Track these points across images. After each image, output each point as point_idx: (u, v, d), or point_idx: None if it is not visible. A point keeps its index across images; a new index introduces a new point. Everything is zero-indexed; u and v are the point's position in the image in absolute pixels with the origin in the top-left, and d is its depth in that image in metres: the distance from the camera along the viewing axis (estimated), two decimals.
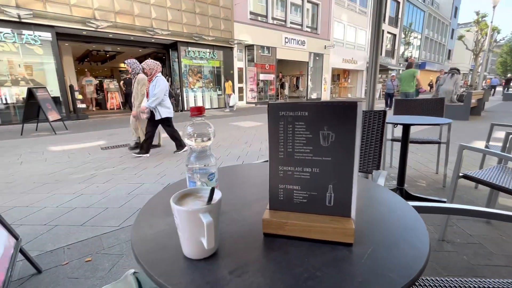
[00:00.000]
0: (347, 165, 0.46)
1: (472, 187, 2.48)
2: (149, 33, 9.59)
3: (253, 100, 13.97)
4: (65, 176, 3.03)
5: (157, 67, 3.73)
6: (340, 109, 0.44)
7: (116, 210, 2.15)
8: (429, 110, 2.89)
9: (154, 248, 0.47)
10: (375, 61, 1.82)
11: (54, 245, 1.66)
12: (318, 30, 16.62)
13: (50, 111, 6.01)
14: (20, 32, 7.40)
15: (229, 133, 5.82)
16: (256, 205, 0.63)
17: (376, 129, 1.35)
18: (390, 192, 0.69)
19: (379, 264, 0.41)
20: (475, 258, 1.48)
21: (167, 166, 3.35)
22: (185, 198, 0.46)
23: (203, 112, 0.57)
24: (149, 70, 3.68)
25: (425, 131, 5.31)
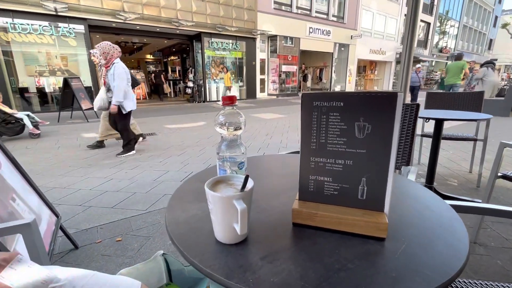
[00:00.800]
0: (383, 159, 0.45)
1: (510, 188, 2.30)
2: (174, 25, 9.76)
3: (274, 92, 13.83)
4: (96, 161, 3.23)
5: (113, 50, 3.13)
6: (379, 100, 0.43)
7: (143, 195, 2.26)
8: (465, 104, 2.69)
9: (187, 231, 0.49)
10: (409, 52, 1.72)
11: (89, 224, 1.80)
12: (345, 19, 15.92)
13: (83, 100, 6.38)
14: (56, 25, 7.85)
15: (250, 125, 5.83)
16: (284, 195, 0.63)
17: (408, 123, 1.28)
18: (423, 189, 0.66)
19: (414, 260, 0.40)
20: (511, 264, 1.39)
21: (190, 155, 3.45)
22: (218, 185, 0.47)
23: (235, 102, 0.57)
24: (104, 54, 3.08)
25: (459, 127, 4.97)
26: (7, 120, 4.30)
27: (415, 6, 1.63)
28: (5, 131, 4.33)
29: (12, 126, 4.37)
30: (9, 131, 4.36)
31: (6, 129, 4.34)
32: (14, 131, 4.41)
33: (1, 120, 4.24)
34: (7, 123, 4.31)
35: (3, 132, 4.32)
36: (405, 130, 1.28)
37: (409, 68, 1.76)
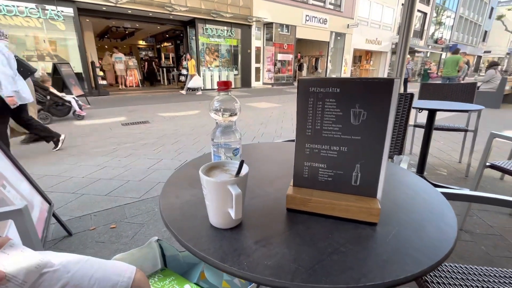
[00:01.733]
0: (377, 145, 0.45)
1: (497, 178, 2.37)
2: (167, 9, 9.45)
3: (269, 81, 13.70)
4: (89, 150, 3.18)
5: None
6: (375, 86, 0.43)
7: (136, 183, 2.25)
8: (458, 95, 2.72)
9: (181, 217, 0.49)
10: (405, 43, 1.71)
11: (82, 212, 1.79)
12: (342, 8, 15.68)
13: (73, 86, 6.20)
14: (44, 7, 7.51)
15: (245, 114, 5.80)
16: (278, 182, 0.63)
17: (401, 113, 1.29)
18: (416, 176, 0.67)
19: (405, 244, 0.41)
20: (494, 250, 1.45)
21: (184, 144, 3.43)
22: (213, 170, 0.47)
23: (230, 87, 0.56)
24: None
25: (450, 118, 5.04)
26: (57, 102, 4.76)
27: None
28: (56, 112, 4.80)
29: (62, 108, 4.85)
30: (59, 113, 4.84)
31: (57, 111, 4.81)
32: (63, 113, 4.91)
33: (52, 102, 4.68)
34: (57, 105, 4.77)
35: (54, 113, 4.77)
36: (399, 120, 1.29)
37: (405, 59, 1.76)
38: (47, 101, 4.60)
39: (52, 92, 4.66)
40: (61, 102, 4.80)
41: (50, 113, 4.65)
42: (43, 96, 4.56)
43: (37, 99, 4.28)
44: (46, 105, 4.60)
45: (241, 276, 0.36)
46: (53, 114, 4.73)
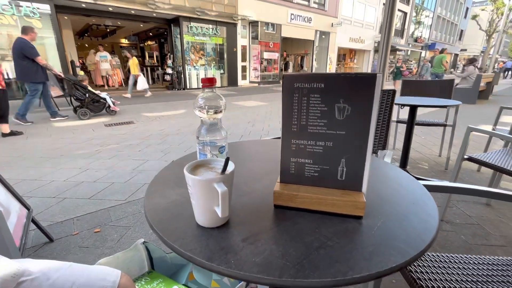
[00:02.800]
0: (361, 140, 0.46)
1: (474, 170, 2.49)
2: (150, 7, 9.22)
3: (256, 80, 13.70)
4: (70, 152, 3.06)
5: None
6: (358, 81, 0.43)
7: (121, 185, 2.19)
8: (437, 92, 2.83)
9: (167, 217, 0.48)
10: (387, 41, 1.76)
11: (64, 217, 1.72)
12: (326, 7, 15.88)
13: (52, 86, 5.94)
14: (18, 3, 7.14)
15: (232, 112, 5.77)
16: (266, 178, 0.63)
17: (384, 109, 1.33)
18: (398, 169, 0.69)
19: (390, 235, 0.42)
20: (473, 238, 1.52)
21: (170, 144, 3.37)
22: (198, 169, 0.46)
23: (215, 83, 0.56)
24: None
25: (431, 113, 5.24)
26: (94, 99, 5.11)
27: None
28: (93, 108, 5.15)
29: (98, 105, 5.20)
30: (96, 109, 5.19)
31: (94, 107, 5.16)
32: (99, 108, 5.24)
33: (90, 99, 5.04)
34: (94, 102, 5.12)
35: (92, 109, 5.12)
36: (382, 116, 1.32)
37: (387, 56, 1.81)
38: (86, 98, 4.99)
39: (90, 90, 5.05)
40: (97, 99, 5.15)
41: (88, 109, 5.04)
42: (83, 93, 4.97)
43: (77, 96, 4.93)
44: (85, 102, 5.00)
45: (229, 274, 0.35)
46: (91, 110, 5.10)
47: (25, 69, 4.17)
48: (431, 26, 28.27)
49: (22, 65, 4.15)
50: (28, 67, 4.15)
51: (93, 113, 5.16)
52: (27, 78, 4.24)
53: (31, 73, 4.22)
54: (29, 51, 4.12)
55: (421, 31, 26.85)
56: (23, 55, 4.12)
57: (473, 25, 32.89)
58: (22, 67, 4.15)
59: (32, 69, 4.19)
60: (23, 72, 4.19)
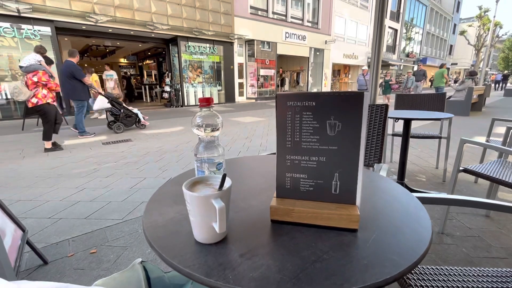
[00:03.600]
0: (353, 154, 0.47)
1: (472, 181, 2.50)
2: (149, 28, 9.53)
3: (253, 96, 13.92)
4: (67, 171, 3.05)
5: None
6: (347, 99, 0.46)
7: (119, 203, 2.17)
8: (430, 105, 2.90)
9: (166, 234, 0.49)
10: (377, 57, 1.83)
11: (59, 238, 1.69)
12: (319, 25, 16.49)
13: None
14: (19, 26, 7.35)
15: (229, 128, 5.82)
16: (263, 194, 0.64)
17: (378, 123, 1.36)
18: (393, 182, 0.70)
19: (384, 248, 0.43)
20: (474, 251, 1.51)
21: (168, 161, 3.37)
22: (196, 186, 0.48)
23: (212, 103, 0.58)
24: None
25: (425, 126, 5.32)
26: (128, 114, 5.54)
27: (381, 13, 1.74)
28: (126, 123, 5.54)
29: (130, 119, 5.60)
30: (129, 123, 5.59)
31: (127, 121, 5.56)
32: (131, 123, 5.64)
33: (124, 114, 5.48)
34: (127, 116, 5.54)
35: (125, 123, 5.52)
36: (376, 130, 1.35)
37: (378, 71, 1.87)
38: (120, 113, 5.41)
39: (125, 106, 5.51)
40: (130, 114, 5.57)
41: (122, 123, 5.45)
42: (118, 109, 5.40)
43: (112, 111, 5.37)
44: (120, 117, 5.41)
45: None
46: (124, 124, 5.51)
47: (73, 88, 4.66)
48: (421, 42, 29.30)
49: (70, 85, 4.64)
50: (76, 86, 4.66)
51: (126, 127, 5.55)
52: (74, 96, 4.77)
53: (78, 91, 4.73)
54: (78, 73, 4.64)
55: (412, 47, 27.78)
56: (72, 75, 4.59)
57: (462, 40, 34.17)
58: (70, 86, 4.65)
59: (78, 88, 4.70)
60: (71, 90, 4.68)
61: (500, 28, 22.60)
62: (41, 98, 3.73)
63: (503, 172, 1.55)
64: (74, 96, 4.76)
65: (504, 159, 1.79)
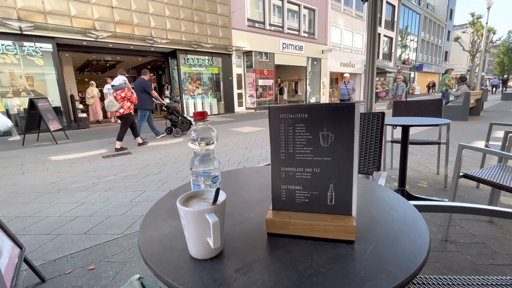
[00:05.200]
0: (346, 164, 0.48)
1: (473, 187, 2.48)
2: (148, 42, 9.71)
3: (252, 106, 14.03)
4: (67, 185, 3.04)
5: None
6: (339, 110, 0.46)
7: (118, 218, 2.15)
8: (428, 111, 2.91)
9: (161, 250, 0.48)
10: (372, 65, 1.85)
11: (58, 254, 1.67)
12: (315, 35, 16.79)
13: (51, 121, 6.05)
14: (22, 44, 7.50)
15: (229, 139, 5.83)
16: (259, 206, 0.64)
17: (376, 131, 1.36)
18: (390, 191, 0.70)
19: (381, 259, 0.42)
20: (479, 258, 1.48)
21: (168, 173, 3.36)
22: (191, 200, 0.47)
23: (206, 117, 0.59)
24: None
25: (424, 132, 5.32)
26: (184, 121, 6.50)
27: (374, 23, 1.78)
28: (183, 128, 6.46)
29: (185, 125, 6.50)
30: (184, 128, 6.49)
31: (183, 127, 6.47)
32: (186, 128, 6.51)
33: (181, 121, 6.45)
34: (183, 123, 6.48)
35: (182, 129, 6.45)
36: (374, 137, 1.35)
37: (373, 79, 1.89)
38: (179, 120, 6.42)
39: (182, 114, 6.61)
40: (186, 121, 6.52)
41: (180, 129, 6.40)
42: (177, 117, 6.43)
43: (172, 119, 6.47)
44: (178, 123, 6.40)
45: None
46: (181, 130, 6.43)
47: (142, 99, 5.71)
48: (417, 49, 29.74)
49: (140, 97, 5.63)
50: (144, 98, 5.78)
51: (182, 132, 6.46)
52: (142, 106, 5.79)
53: (145, 102, 5.82)
54: (149, 88, 5.79)
55: (408, 54, 28.18)
56: (144, 90, 5.73)
57: (456, 46, 34.67)
58: (139, 98, 5.61)
59: (146, 100, 5.82)
60: (140, 101, 5.64)
61: (494, 33, 22.97)
62: (126, 109, 4.94)
63: (504, 177, 1.54)
64: (142, 106, 5.76)
65: (504, 164, 1.78)
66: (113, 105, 4.89)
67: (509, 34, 36.44)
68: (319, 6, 16.58)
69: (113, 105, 4.89)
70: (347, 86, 8.54)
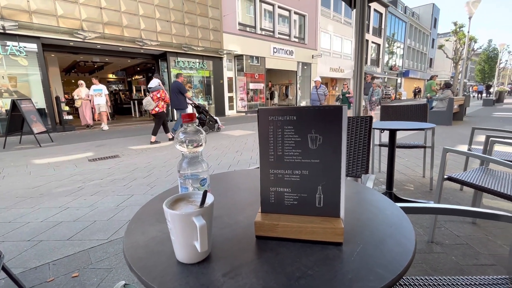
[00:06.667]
0: (335, 166, 0.48)
1: (457, 189, 2.56)
2: (138, 44, 9.59)
3: (243, 109, 14.04)
4: (50, 190, 2.93)
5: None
6: (327, 113, 0.46)
7: (104, 223, 2.09)
8: (414, 115, 2.99)
9: (147, 255, 0.47)
10: (360, 70, 1.89)
11: (39, 261, 1.60)
12: (306, 40, 17.05)
13: (34, 123, 5.85)
14: (4, 43, 7.25)
15: (220, 142, 5.81)
16: (248, 209, 0.63)
17: (364, 135, 1.39)
18: (378, 194, 0.71)
19: (368, 261, 0.42)
20: (463, 259, 1.52)
21: (157, 177, 3.30)
22: (178, 203, 0.46)
23: (195, 119, 0.58)
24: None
25: (411, 136, 5.46)
26: (211, 120, 7.14)
27: (362, 29, 1.82)
28: (210, 126, 7.14)
29: (212, 124, 7.15)
30: (211, 127, 7.16)
31: (210, 125, 7.14)
32: (213, 127, 7.26)
33: (209, 120, 7.09)
34: (210, 121, 7.10)
35: (209, 127, 7.12)
36: (362, 141, 1.37)
37: (361, 84, 1.93)
38: (207, 119, 7.04)
39: (210, 114, 7.23)
40: (213, 120, 7.23)
41: (208, 127, 7.04)
42: (205, 116, 7.07)
43: (201, 118, 7.04)
44: (207, 122, 7.05)
45: None
46: (209, 127, 7.12)
47: (178, 100, 6.43)
48: (403, 55, 30.67)
49: (177, 98, 6.40)
50: (180, 99, 6.46)
51: (209, 130, 7.17)
52: (179, 106, 6.49)
53: (181, 102, 6.50)
54: (183, 90, 6.43)
55: (394, 60, 29.00)
56: (179, 91, 6.37)
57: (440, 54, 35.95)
58: (176, 99, 6.41)
59: (181, 100, 6.48)
60: (177, 102, 6.44)
61: (475, 42, 23.97)
62: (161, 108, 5.79)
63: (486, 180, 1.60)
64: (179, 106, 6.48)
65: (486, 167, 1.84)
66: (150, 104, 5.67)
67: (489, 43, 38.18)
68: (309, 12, 16.87)
69: (150, 104, 5.67)
70: (318, 91, 7.73)
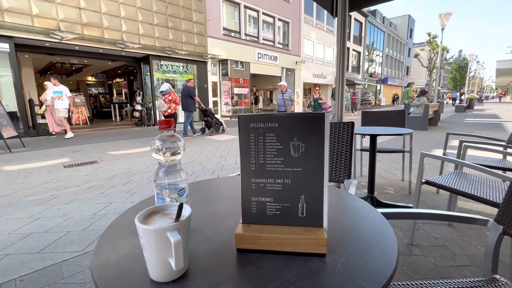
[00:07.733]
0: (317, 175, 0.47)
1: (434, 192, 2.66)
2: (119, 46, 9.32)
3: (227, 114, 13.98)
4: (20, 199, 2.74)
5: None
6: (309, 120, 0.45)
7: (79, 233, 1.97)
8: (393, 121, 3.10)
9: (117, 274, 0.43)
10: (342, 76, 1.93)
11: (4, 278, 1.47)
12: (289, 47, 17.35)
13: (5, 127, 5.49)
14: None
15: (204, 147, 5.72)
16: (229, 219, 0.61)
17: (346, 140, 1.40)
18: (361, 201, 0.71)
19: (352, 272, 0.41)
20: (441, 260, 1.56)
21: (138, 183, 3.18)
22: (152, 216, 0.43)
23: (172, 125, 0.55)
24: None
25: (390, 141, 5.66)
26: (217, 122, 7.60)
27: (343, 37, 1.87)
28: (216, 128, 7.57)
29: (218, 126, 7.64)
30: (217, 129, 7.65)
31: (216, 127, 7.57)
32: (219, 129, 7.73)
33: (215, 122, 7.54)
34: (216, 124, 7.56)
35: (215, 129, 7.56)
36: (344, 146, 1.39)
37: (343, 90, 1.97)
38: (213, 122, 7.47)
39: (215, 117, 7.64)
40: (219, 122, 7.67)
41: (214, 129, 7.50)
42: (211, 119, 7.45)
43: (208, 120, 7.47)
44: (213, 124, 7.47)
45: None
46: (215, 129, 7.53)
47: (187, 103, 6.97)
48: (382, 63, 31.99)
49: (187, 101, 6.96)
50: (189, 102, 6.98)
51: (215, 131, 7.54)
52: (187, 108, 7.05)
53: (190, 105, 7.06)
54: (193, 94, 7.03)
55: (374, 68, 30.16)
56: (189, 95, 6.96)
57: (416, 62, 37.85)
58: (186, 102, 6.98)
59: (190, 103, 7.01)
60: (186, 104, 7.01)
61: (447, 52, 25.45)
62: (172, 110, 6.63)
63: (460, 183, 1.66)
64: (188, 108, 7.02)
65: (460, 170, 1.93)
66: (163, 106, 6.30)
67: (460, 53, 40.72)
68: (293, 19, 17.22)
69: (163, 106, 6.30)
70: (283, 95, 7.13)
